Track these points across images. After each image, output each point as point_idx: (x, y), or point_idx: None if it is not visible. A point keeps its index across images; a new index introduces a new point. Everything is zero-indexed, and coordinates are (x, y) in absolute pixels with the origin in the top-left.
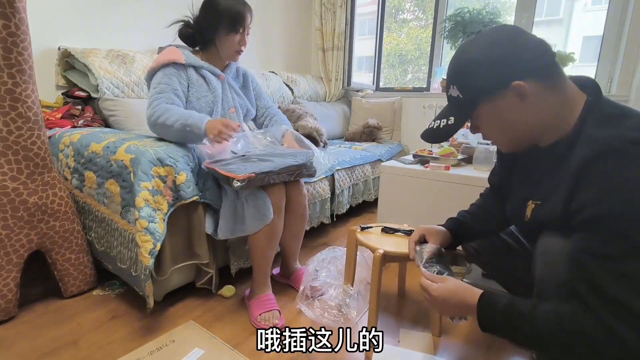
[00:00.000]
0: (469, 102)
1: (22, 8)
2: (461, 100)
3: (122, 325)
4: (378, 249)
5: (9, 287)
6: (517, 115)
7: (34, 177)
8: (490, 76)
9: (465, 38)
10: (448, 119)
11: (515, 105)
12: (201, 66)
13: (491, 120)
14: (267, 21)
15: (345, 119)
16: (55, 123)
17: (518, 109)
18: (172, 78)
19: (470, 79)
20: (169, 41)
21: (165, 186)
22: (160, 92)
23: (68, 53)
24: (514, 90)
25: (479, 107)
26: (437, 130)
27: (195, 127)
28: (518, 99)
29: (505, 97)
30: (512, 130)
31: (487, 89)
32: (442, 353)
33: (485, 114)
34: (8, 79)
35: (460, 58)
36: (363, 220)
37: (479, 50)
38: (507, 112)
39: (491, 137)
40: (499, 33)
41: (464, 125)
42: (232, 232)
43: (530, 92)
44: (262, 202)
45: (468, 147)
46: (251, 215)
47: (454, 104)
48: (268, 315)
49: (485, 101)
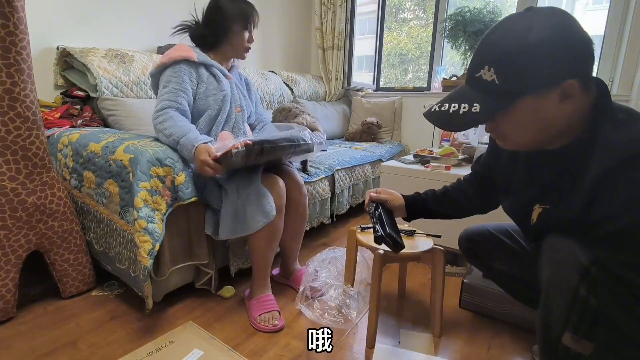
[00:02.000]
0: (507, 93)
1: (20, 7)
2: (497, 87)
3: (121, 325)
4: (378, 250)
5: (7, 287)
6: (552, 116)
7: (32, 177)
8: (552, 68)
9: (466, 37)
10: (472, 105)
11: (553, 105)
12: (212, 64)
13: (524, 118)
14: (267, 20)
15: (345, 119)
16: (53, 123)
17: (555, 109)
18: (182, 76)
19: (525, 65)
20: (168, 40)
21: (164, 186)
22: (170, 92)
23: (67, 52)
24: (561, 88)
25: (517, 101)
26: (453, 115)
27: (185, 149)
28: (559, 99)
29: (550, 95)
30: (541, 130)
31: (541, 82)
32: (442, 353)
33: (521, 111)
34: (6, 79)
35: (520, 36)
36: (363, 220)
37: (548, 32)
38: (544, 111)
39: (512, 135)
40: (565, 18)
41: (489, 119)
42: (233, 232)
43: (575, 95)
44: (265, 199)
45: (469, 147)
46: (253, 213)
47: (484, 90)
48: (268, 316)
49: (529, 96)
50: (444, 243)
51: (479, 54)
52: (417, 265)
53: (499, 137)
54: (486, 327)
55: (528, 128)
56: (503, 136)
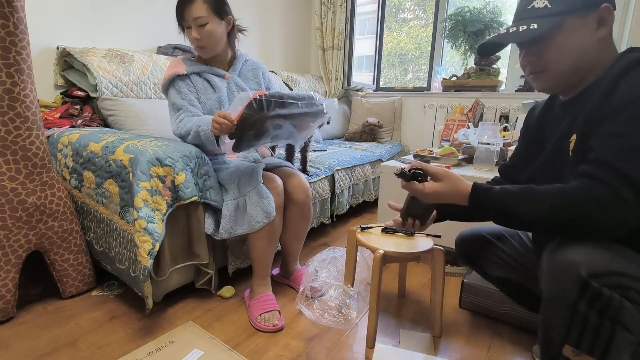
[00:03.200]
0: (557, 13)
1: (20, 7)
2: (549, 10)
3: (121, 326)
4: (378, 250)
5: (7, 287)
6: (589, 41)
7: (32, 177)
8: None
9: (466, 37)
10: (529, 25)
11: (591, 30)
12: (203, 71)
13: (567, 39)
14: (266, 20)
15: (345, 119)
16: (53, 123)
17: (592, 34)
18: (182, 91)
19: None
20: (168, 40)
21: (164, 186)
22: (178, 109)
23: (67, 52)
24: (599, 13)
25: (564, 21)
26: (512, 33)
27: (205, 129)
28: (596, 25)
29: (588, 19)
30: (578, 56)
31: (581, 3)
32: (442, 354)
33: (566, 31)
34: (6, 79)
35: None
36: (363, 220)
37: None
38: (584, 35)
39: (554, 60)
40: None
41: (547, 33)
42: (234, 231)
43: (609, 22)
44: (266, 199)
45: (469, 147)
46: (254, 213)
47: (537, 15)
48: (268, 315)
49: (573, 16)
50: (444, 243)
51: None
52: (417, 265)
53: (540, 70)
54: (486, 327)
55: (569, 51)
56: (544, 67)
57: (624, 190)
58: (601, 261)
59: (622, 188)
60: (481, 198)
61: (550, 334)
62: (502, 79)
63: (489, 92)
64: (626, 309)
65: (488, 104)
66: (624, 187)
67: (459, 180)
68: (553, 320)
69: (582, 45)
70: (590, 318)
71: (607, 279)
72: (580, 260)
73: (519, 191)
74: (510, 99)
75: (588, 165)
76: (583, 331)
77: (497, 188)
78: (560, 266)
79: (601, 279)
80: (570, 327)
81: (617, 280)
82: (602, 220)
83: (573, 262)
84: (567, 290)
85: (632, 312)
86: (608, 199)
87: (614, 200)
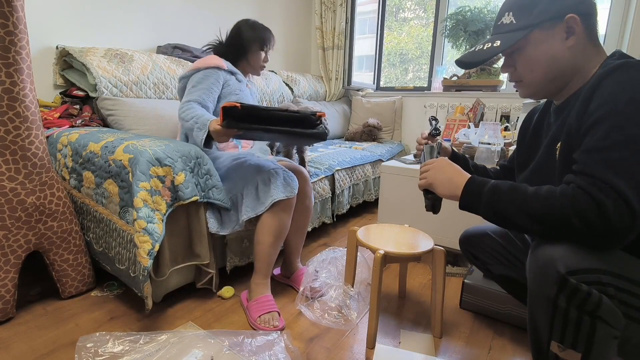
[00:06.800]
0: (521, 28)
1: (20, 7)
2: (514, 26)
3: (120, 326)
4: (379, 250)
5: (6, 287)
6: (559, 51)
7: (31, 177)
8: (552, 5)
9: (467, 37)
10: (493, 42)
11: (560, 41)
12: (237, 72)
13: (535, 50)
14: (266, 20)
15: (345, 119)
16: (53, 122)
17: (560, 44)
18: (210, 78)
19: (531, 4)
20: (168, 40)
21: (163, 186)
22: (198, 90)
23: (66, 52)
24: (566, 23)
25: (529, 35)
26: (477, 52)
27: (201, 124)
28: (565, 35)
29: (555, 30)
30: (549, 66)
31: (545, 17)
32: (443, 354)
33: (532, 43)
34: (6, 78)
35: None
36: (363, 220)
37: None
38: (552, 46)
39: (526, 71)
40: None
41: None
42: (254, 210)
43: (577, 31)
44: (291, 178)
45: (469, 147)
46: (278, 186)
47: (504, 30)
48: (268, 316)
49: (538, 29)
50: (444, 243)
51: (503, 6)
52: (417, 266)
53: (517, 80)
54: (487, 327)
55: (539, 62)
56: (519, 77)
57: (607, 204)
58: (579, 258)
59: (606, 201)
60: (474, 188)
61: (536, 330)
62: (502, 79)
63: (489, 92)
64: (605, 304)
65: (489, 103)
66: (607, 200)
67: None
68: (538, 316)
69: (551, 55)
70: (571, 314)
71: (585, 276)
72: (558, 258)
73: (507, 189)
74: (511, 98)
75: (574, 176)
76: (565, 326)
77: (491, 181)
78: (540, 263)
79: (579, 276)
80: (553, 323)
81: (595, 277)
82: (584, 231)
83: (552, 259)
84: (548, 286)
85: (611, 307)
86: (592, 212)
87: (597, 215)
